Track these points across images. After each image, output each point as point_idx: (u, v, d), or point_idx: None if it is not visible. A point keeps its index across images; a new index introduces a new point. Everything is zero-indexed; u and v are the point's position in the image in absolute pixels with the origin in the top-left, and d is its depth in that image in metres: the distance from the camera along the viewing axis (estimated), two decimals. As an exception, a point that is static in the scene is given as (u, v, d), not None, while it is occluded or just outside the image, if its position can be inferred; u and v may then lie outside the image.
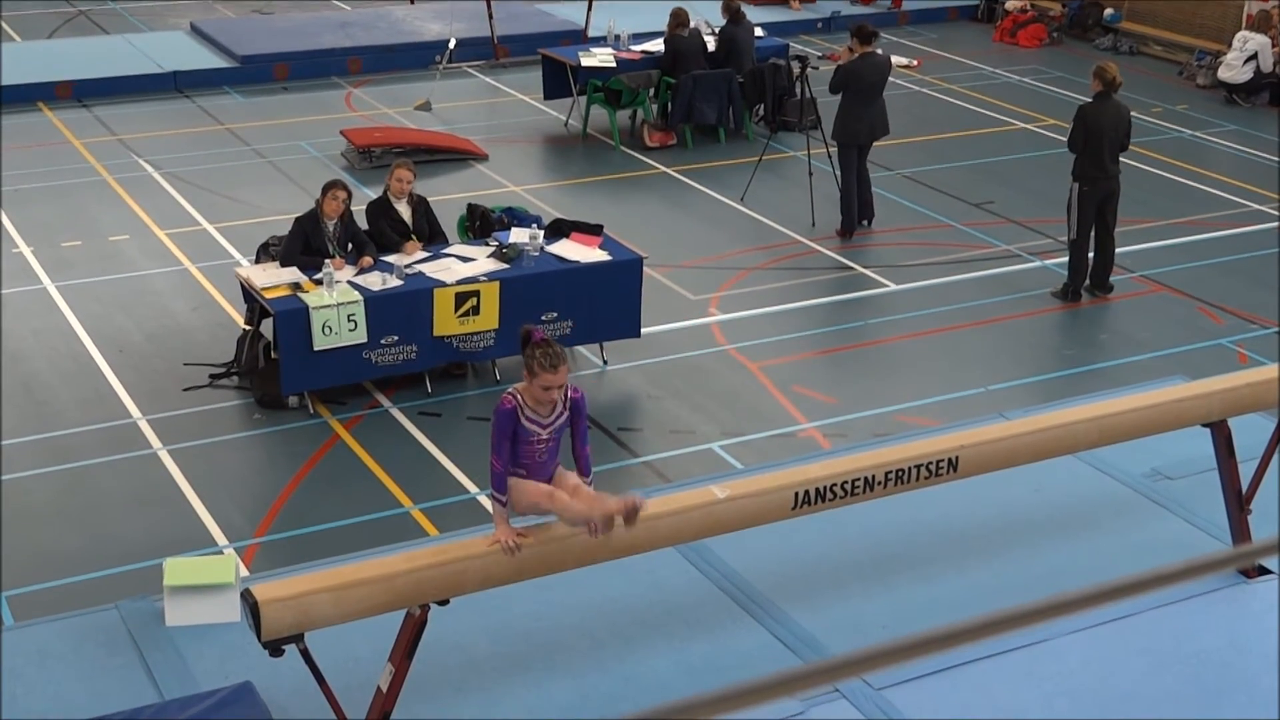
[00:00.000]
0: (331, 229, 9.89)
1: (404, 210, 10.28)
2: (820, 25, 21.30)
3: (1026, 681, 6.66)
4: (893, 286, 12.11)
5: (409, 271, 9.81)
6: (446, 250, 10.25)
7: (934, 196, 14.30)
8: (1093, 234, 11.75)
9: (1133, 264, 12.53)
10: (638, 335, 10.52)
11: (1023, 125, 16.84)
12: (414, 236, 10.21)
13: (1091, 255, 11.84)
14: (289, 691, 6.34)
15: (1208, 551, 7.52)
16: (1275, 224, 13.64)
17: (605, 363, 10.51)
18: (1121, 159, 11.70)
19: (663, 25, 16.10)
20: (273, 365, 9.66)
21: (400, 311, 9.62)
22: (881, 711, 6.41)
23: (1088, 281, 11.89)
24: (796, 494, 6.43)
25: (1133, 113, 11.81)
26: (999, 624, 1.61)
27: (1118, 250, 11.99)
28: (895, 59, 17.70)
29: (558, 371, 5.78)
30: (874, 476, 6.59)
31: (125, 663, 6.70)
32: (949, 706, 6.47)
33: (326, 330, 9.40)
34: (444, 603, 5.90)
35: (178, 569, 7.02)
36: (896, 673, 6.63)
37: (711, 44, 16.21)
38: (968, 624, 1.57)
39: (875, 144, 13.34)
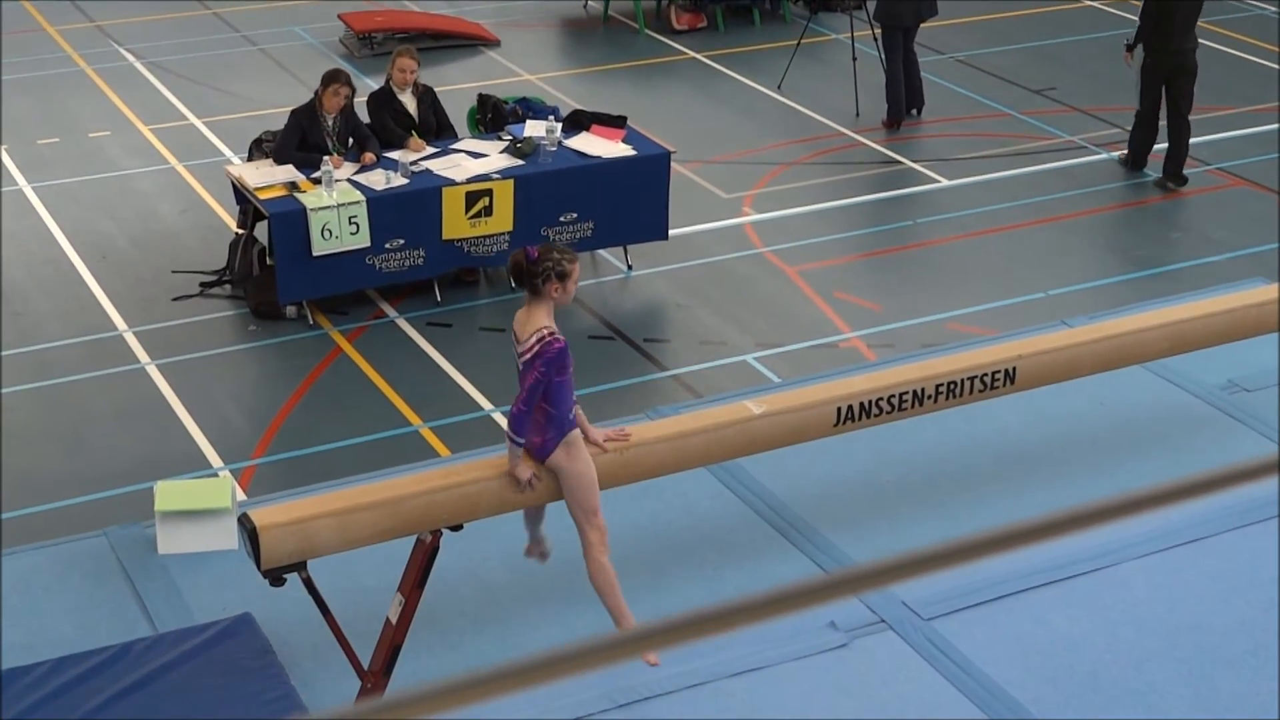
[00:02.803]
0: (330, 123, 9.85)
1: (409, 102, 10.23)
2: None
3: (1087, 610, 6.69)
4: (944, 182, 12.03)
5: (415, 169, 9.78)
6: (455, 146, 10.21)
7: (990, 82, 14.16)
8: (1165, 118, 11.71)
9: (1209, 155, 12.41)
10: (665, 237, 10.49)
11: (1089, 2, 16.62)
12: (419, 131, 10.17)
13: (1165, 146, 11.79)
14: (291, 623, 6.41)
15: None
16: (1367, 110, 13.48)
17: (630, 268, 10.50)
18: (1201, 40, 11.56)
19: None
20: (268, 272, 9.67)
21: (406, 213, 9.61)
22: (930, 642, 6.45)
23: (1160, 174, 11.83)
24: (839, 409, 6.44)
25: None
26: (1045, 529, 1.60)
27: (1194, 139, 11.88)
28: (948, -70, 17.44)
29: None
30: (923, 390, 6.59)
31: (115, 593, 6.78)
32: (1003, 637, 6.51)
33: (326, 234, 9.40)
34: (457, 528, 5.94)
35: (170, 493, 7.08)
36: (946, 601, 6.67)
37: (745, -85, 16.01)
38: (1007, 530, 1.56)
39: (923, 25, 13.21)
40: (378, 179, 9.65)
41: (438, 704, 1.40)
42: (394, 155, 9.89)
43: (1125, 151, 12.18)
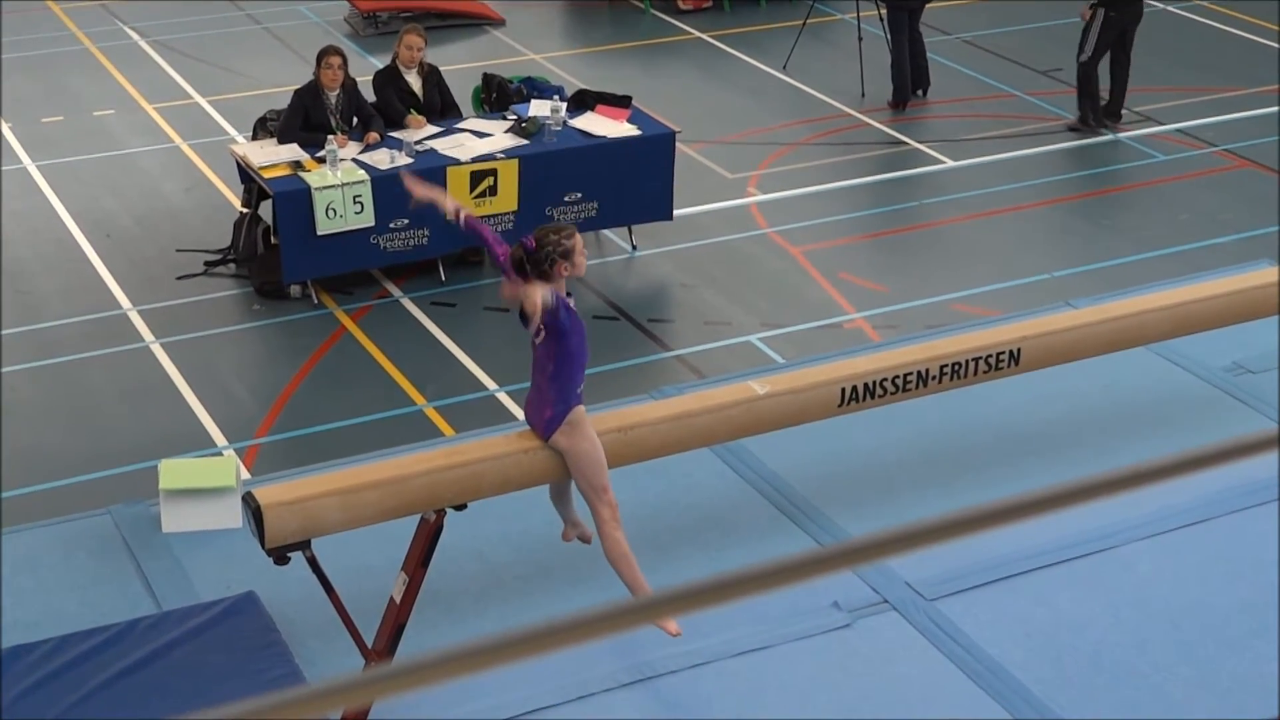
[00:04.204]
0: (334, 101, 9.84)
1: (414, 81, 10.22)
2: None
3: (1090, 591, 6.69)
4: (950, 163, 12.00)
5: (420, 148, 9.77)
6: (460, 125, 10.20)
7: (995, 63, 14.12)
8: (1110, 64, 12.43)
9: (1215, 137, 12.39)
10: (670, 218, 10.48)
11: (1095, -17, 16.56)
12: (424, 110, 10.16)
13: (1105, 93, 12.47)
14: (295, 602, 6.42)
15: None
16: (1374, 92, 13.44)
17: (634, 248, 10.49)
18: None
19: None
20: (273, 251, 9.67)
21: (410, 192, 9.58)
22: (933, 623, 6.46)
23: (1099, 114, 12.50)
24: (843, 390, 6.43)
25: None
26: (1046, 502, 1.60)
27: (1200, 121, 11.87)
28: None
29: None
30: (928, 371, 6.58)
31: (120, 571, 6.79)
32: (1006, 618, 6.51)
33: (330, 213, 9.39)
34: (460, 507, 5.94)
35: (174, 471, 7.09)
36: (949, 582, 6.67)
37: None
38: (1008, 503, 1.56)
39: (928, 5, 13.19)
40: (382, 158, 9.64)
41: (441, 672, 1.41)
42: (398, 134, 9.88)
43: (1078, 116, 12.54)
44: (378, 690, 1.47)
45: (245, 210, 10.05)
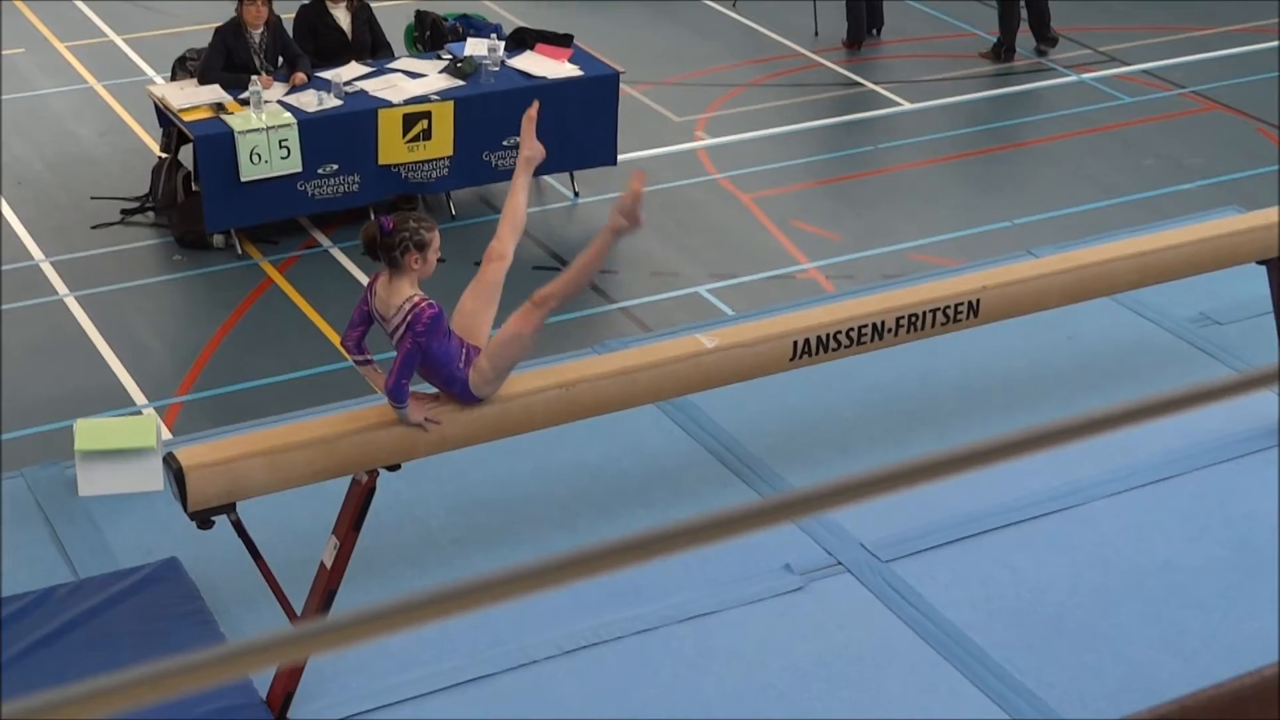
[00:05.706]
0: (257, 40, 9.74)
1: (341, 17, 10.13)
2: None
3: (1052, 551, 6.75)
4: (906, 105, 12.01)
5: (349, 90, 9.69)
6: (392, 65, 10.12)
7: (953, 0, 14.13)
8: None
9: (1182, 78, 12.44)
10: (614, 163, 10.45)
11: (1058, -83, 16.58)
12: (354, 47, 10.07)
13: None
14: (220, 568, 6.40)
15: (1260, 401, 7.57)
16: (1346, 31, 13.53)
17: (577, 195, 10.46)
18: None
19: None
20: (194, 199, 9.59)
21: (340, 136, 9.53)
22: (888, 585, 6.50)
23: (1035, 42, 12.77)
24: (795, 343, 6.44)
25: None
26: (1002, 449, 1.60)
27: (1167, 61, 11.91)
28: None
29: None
30: (884, 323, 6.59)
31: (34, 538, 6.74)
32: (964, 580, 6.56)
33: (255, 158, 9.31)
34: (394, 468, 5.92)
35: (91, 431, 7.03)
36: (905, 543, 6.71)
37: None
38: (952, 453, 1.55)
39: (886, -60, 13.18)
40: (309, 100, 9.56)
41: (372, 629, 1.39)
42: (326, 75, 9.79)
43: (993, 47, 12.72)
44: (303, 648, 1.45)
45: (164, 155, 9.96)
